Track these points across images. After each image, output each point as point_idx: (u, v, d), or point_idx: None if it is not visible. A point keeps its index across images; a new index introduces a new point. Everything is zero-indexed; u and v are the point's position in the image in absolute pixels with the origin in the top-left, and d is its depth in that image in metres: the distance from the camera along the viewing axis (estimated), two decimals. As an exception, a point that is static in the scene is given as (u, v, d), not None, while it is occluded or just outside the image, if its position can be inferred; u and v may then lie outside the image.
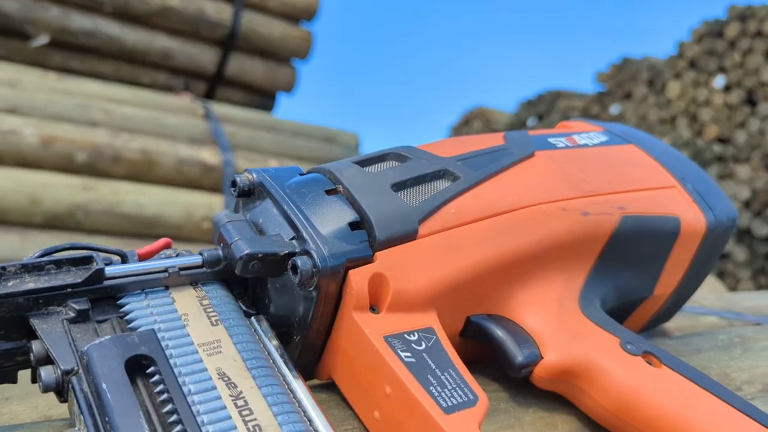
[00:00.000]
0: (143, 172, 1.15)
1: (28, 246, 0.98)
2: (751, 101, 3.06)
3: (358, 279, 0.24)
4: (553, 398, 0.29)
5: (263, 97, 1.64)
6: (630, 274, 0.33)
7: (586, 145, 0.35)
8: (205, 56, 1.50)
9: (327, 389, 0.27)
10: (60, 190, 1.05)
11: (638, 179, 0.34)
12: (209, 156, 1.22)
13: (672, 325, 0.46)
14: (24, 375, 0.28)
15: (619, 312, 0.34)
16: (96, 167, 1.11)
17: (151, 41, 1.43)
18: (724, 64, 3.09)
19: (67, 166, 1.09)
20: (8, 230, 1.00)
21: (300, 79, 1.63)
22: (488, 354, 0.28)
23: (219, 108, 1.40)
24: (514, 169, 0.31)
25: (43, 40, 1.30)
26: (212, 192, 1.21)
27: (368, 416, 0.24)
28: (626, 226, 0.31)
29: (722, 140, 3.12)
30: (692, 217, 0.34)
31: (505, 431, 0.27)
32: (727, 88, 3.10)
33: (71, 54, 1.37)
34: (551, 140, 0.34)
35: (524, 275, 0.29)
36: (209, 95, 1.55)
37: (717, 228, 0.35)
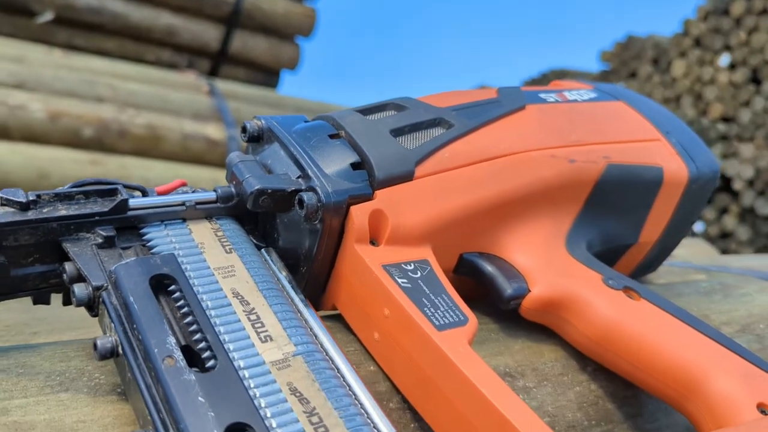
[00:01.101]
0: (149, 148, 1.17)
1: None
2: (756, 80, 3.05)
3: (359, 214, 0.26)
4: (541, 330, 0.31)
5: (267, 75, 1.65)
6: (615, 220, 0.35)
7: (575, 101, 0.37)
8: (208, 33, 1.51)
9: (331, 319, 0.29)
10: (67, 164, 1.07)
11: (624, 132, 0.36)
12: (214, 132, 1.24)
13: (662, 280, 0.48)
14: (52, 309, 0.30)
15: (605, 257, 0.36)
16: (103, 142, 1.13)
17: (156, 18, 1.44)
18: (730, 43, 3.07)
19: (74, 140, 1.11)
20: (18, 204, 1.02)
21: (303, 57, 1.64)
22: (480, 292, 0.30)
23: (223, 85, 1.41)
24: (505, 120, 0.33)
25: (48, 16, 1.32)
26: (217, 167, 1.23)
27: (368, 338, 0.27)
28: (611, 174, 0.33)
29: (727, 119, 3.11)
30: (675, 168, 0.36)
31: (496, 357, 0.29)
32: (732, 67, 3.09)
33: (76, 31, 1.38)
34: (542, 95, 0.36)
35: (514, 217, 0.31)
36: (213, 73, 1.56)
37: (699, 179, 0.37)
